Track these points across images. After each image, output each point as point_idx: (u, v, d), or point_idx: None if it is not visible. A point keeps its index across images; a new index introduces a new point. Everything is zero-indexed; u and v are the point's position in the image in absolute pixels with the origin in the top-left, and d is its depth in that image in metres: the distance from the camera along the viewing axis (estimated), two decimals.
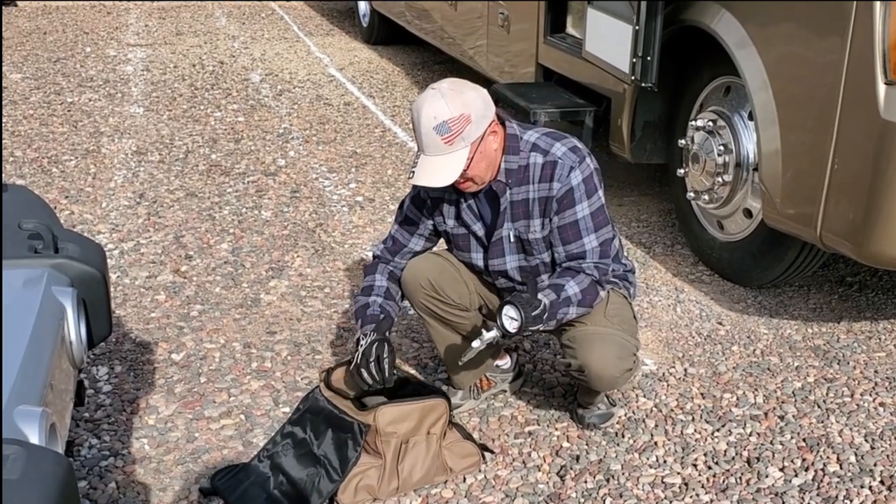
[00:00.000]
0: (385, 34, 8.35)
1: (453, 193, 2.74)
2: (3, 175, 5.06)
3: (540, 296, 2.52)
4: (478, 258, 2.83)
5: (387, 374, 2.60)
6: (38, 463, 1.41)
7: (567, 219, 2.64)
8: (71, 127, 5.93)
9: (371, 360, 2.59)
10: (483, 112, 2.54)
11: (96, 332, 2.23)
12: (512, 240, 2.74)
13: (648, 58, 3.80)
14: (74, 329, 2.04)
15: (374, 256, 2.96)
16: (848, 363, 3.32)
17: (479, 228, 2.78)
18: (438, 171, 2.53)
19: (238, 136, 5.85)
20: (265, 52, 8.10)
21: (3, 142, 5.58)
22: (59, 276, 2.12)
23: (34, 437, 1.53)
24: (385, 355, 2.60)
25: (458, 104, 2.49)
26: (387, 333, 2.69)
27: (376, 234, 4.43)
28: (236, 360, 3.33)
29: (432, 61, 7.91)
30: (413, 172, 2.55)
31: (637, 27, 3.80)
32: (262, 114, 6.33)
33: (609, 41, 4.09)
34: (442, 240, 2.94)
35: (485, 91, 2.60)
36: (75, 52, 7.85)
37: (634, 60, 3.85)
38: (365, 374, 2.59)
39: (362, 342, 2.65)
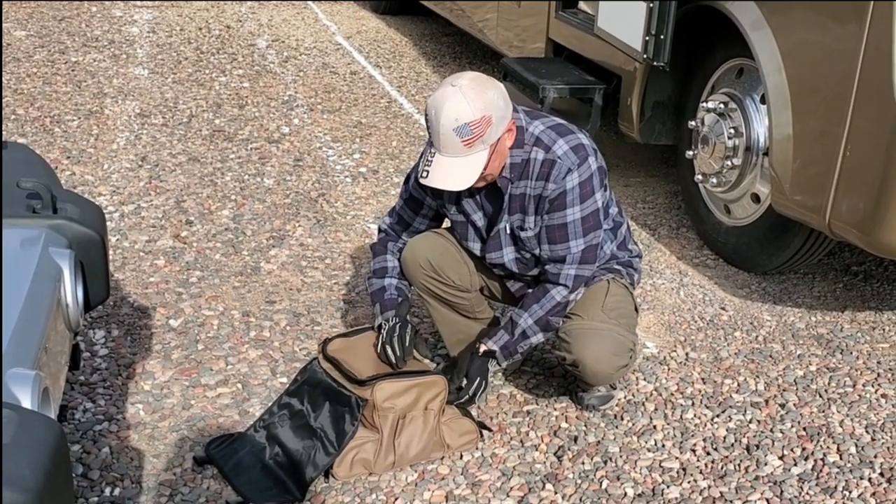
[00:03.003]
0: (394, 4, 8.26)
1: None
2: (4, 133, 5.01)
3: (490, 343, 2.70)
4: (475, 248, 2.80)
5: (406, 352, 2.66)
6: (30, 427, 1.37)
7: (556, 220, 2.60)
8: (74, 87, 5.86)
9: (395, 337, 2.66)
10: (503, 113, 2.46)
11: (93, 296, 2.19)
12: (508, 232, 2.70)
13: (662, 36, 3.75)
14: (71, 291, 2.00)
15: (380, 230, 2.93)
16: (851, 353, 3.29)
17: (479, 219, 2.74)
18: (455, 174, 2.46)
19: (242, 101, 5.79)
20: (272, 17, 8.02)
21: (6, 99, 5.53)
22: (57, 237, 2.08)
23: (26, 401, 1.50)
24: (407, 335, 2.67)
25: (481, 105, 2.40)
26: (407, 316, 2.75)
27: (379, 206, 4.39)
28: (234, 328, 3.30)
29: (440, 33, 7.83)
30: (427, 171, 2.48)
31: (651, 5, 3.74)
32: (267, 80, 6.27)
33: (622, 18, 4.03)
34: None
35: (503, 87, 2.51)
36: (81, 10, 7.76)
37: (647, 38, 3.80)
38: (388, 352, 2.65)
39: (384, 326, 2.71)
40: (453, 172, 2.46)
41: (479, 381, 2.70)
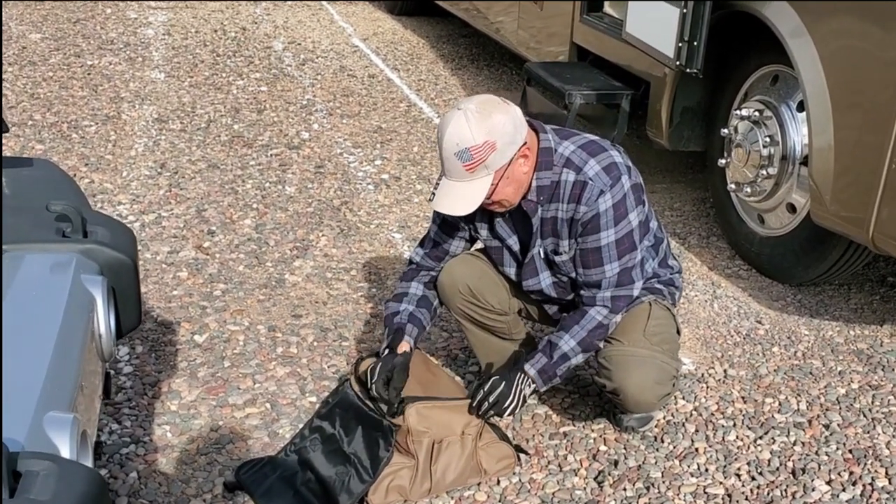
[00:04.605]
0: (409, 4, 8.17)
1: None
2: (23, 140, 4.94)
3: (527, 367, 2.55)
4: (511, 273, 2.71)
5: (390, 400, 2.48)
6: (71, 481, 1.29)
7: (590, 244, 2.51)
8: (91, 91, 5.79)
9: (382, 380, 2.49)
10: (511, 138, 2.36)
11: (125, 323, 2.11)
12: (543, 257, 2.61)
13: (695, 43, 3.66)
14: (104, 321, 1.92)
15: (412, 262, 2.81)
16: (892, 370, 3.20)
17: (514, 243, 2.65)
18: (459, 199, 2.40)
19: (261, 106, 5.72)
20: (287, 19, 7.94)
21: (22, 104, 5.46)
22: (89, 262, 2.00)
23: (65, 450, 1.41)
24: (394, 376, 2.48)
25: (484, 130, 2.32)
26: (410, 345, 2.61)
27: (403, 214, 4.31)
28: (261, 343, 3.22)
29: (458, 35, 7.74)
30: (434, 194, 2.44)
31: (685, 10, 3.65)
32: (284, 84, 6.19)
33: (653, 23, 3.94)
34: None
35: (516, 111, 2.41)
36: (95, 12, 7.69)
37: (680, 45, 3.70)
38: (374, 394, 2.51)
39: (381, 356, 2.59)
40: (456, 197, 2.40)
41: (501, 392, 2.53)
